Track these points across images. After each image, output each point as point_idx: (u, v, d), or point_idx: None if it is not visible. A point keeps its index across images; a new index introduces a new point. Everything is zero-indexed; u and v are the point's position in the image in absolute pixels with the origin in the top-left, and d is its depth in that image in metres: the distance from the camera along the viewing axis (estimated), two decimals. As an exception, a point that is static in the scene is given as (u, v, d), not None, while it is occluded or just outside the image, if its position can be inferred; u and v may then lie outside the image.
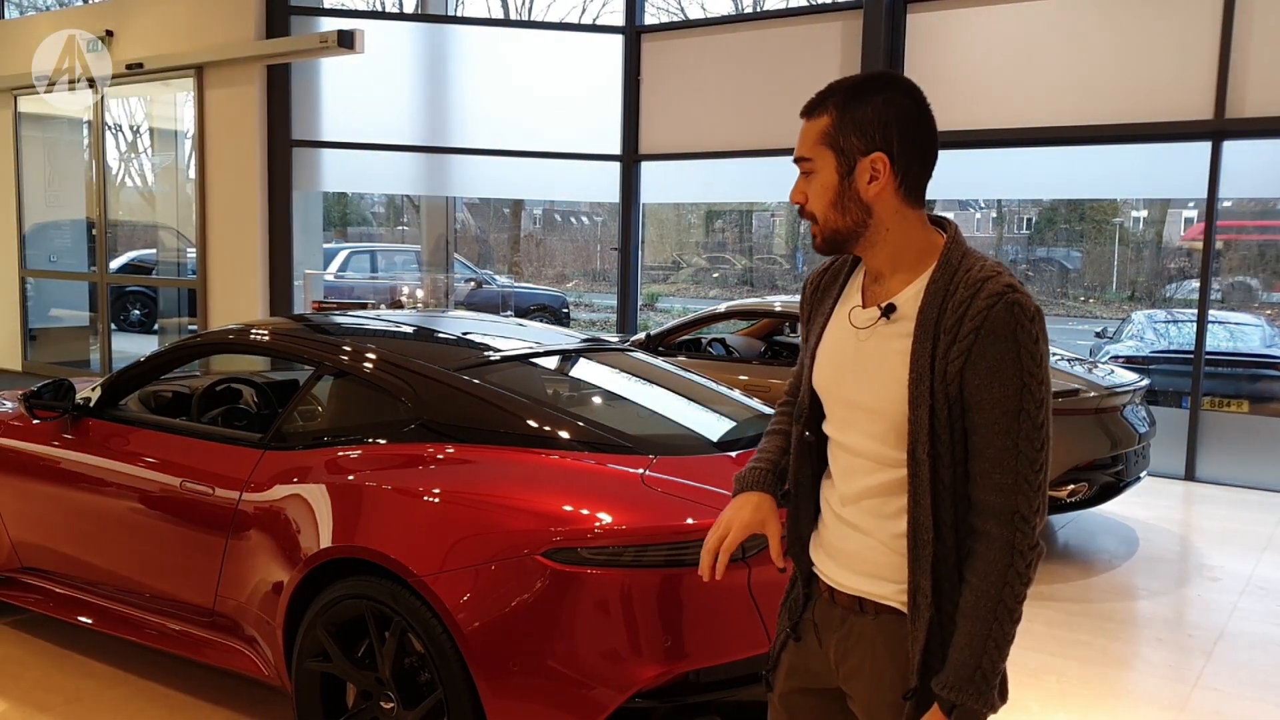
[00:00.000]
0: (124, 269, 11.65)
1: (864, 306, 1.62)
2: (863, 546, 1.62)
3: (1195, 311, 7.49)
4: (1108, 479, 5.32)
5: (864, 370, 1.59)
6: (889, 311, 1.57)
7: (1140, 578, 5.12)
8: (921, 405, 1.50)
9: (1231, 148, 7.13)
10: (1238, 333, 9.41)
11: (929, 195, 1.66)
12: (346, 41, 8.16)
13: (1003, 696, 1.56)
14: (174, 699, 3.49)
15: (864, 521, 1.62)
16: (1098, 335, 10.74)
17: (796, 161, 1.61)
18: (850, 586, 1.65)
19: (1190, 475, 7.33)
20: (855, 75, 1.62)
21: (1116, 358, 8.65)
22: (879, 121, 1.55)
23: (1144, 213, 21.14)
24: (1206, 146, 7.15)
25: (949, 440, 1.50)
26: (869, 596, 1.63)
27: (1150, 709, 3.65)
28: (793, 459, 1.75)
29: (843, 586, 1.66)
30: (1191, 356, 7.46)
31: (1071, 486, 5.17)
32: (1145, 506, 6.41)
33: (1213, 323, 7.97)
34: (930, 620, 1.53)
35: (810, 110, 1.61)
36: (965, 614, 1.51)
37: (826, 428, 1.69)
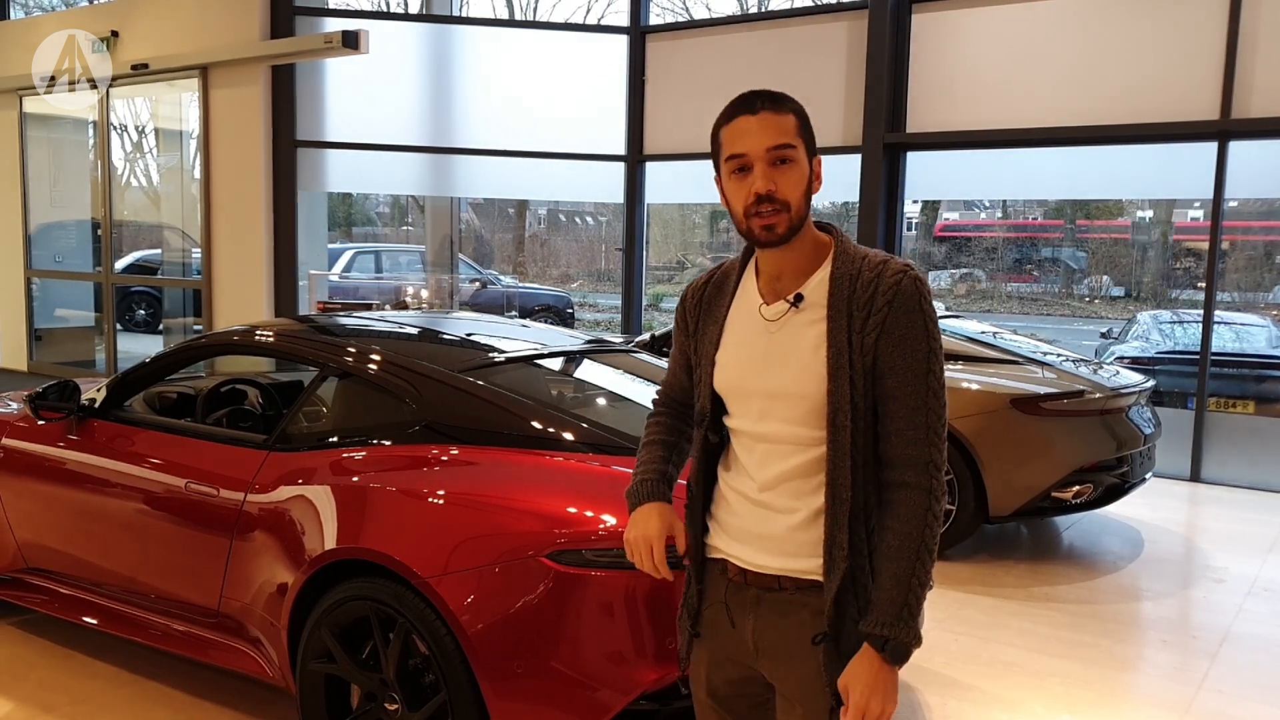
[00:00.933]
0: (129, 269, 11.68)
1: (768, 304, 1.73)
2: (785, 527, 1.71)
3: (1201, 312, 7.47)
4: (1113, 480, 5.31)
5: (778, 359, 1.69)
6: (798, 301, 1.69)
7: (1145, 579, 5.11)
8: (841, 377, 1.63)
9: (1237, 148, 7.12)
10: (1243, 334, 9.39)
11: (934, 195, 1.70)
12: (351, 42, 8.17)
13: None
14: (179, 700, 3.49)
15: (785, 502, 1.71)
16: (1103, 335, 10.71)
17: (773, 150, 1.65)
18: (771, 567, 1.72)
19: (1195, 477, 7.32)
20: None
21: (1122, 358, 8.64)
22: (811, 131, 1.71)
23: (1149, 212, 21.10)
24: (1212, 147, 7.14)
25: (864, 408, 1.64)
26: (790, 574, 1.71)
27: (1154, 711, 3.64)
28: (696, 461, 1.84)
29: (762, 568, 1.73)
30: (1197, 357, 7.44)
31: (1076, 488, 5.16)
32: (1150, 508, 6.40)
33: (1218, 323, 7.94)
34: (845, 572, 1.64)
35: (777, 105, 1.67)
36: (889, 557, 1.63)
37: (735, 423, 1.77)
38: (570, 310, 16.44)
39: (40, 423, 3.77)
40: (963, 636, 4.26)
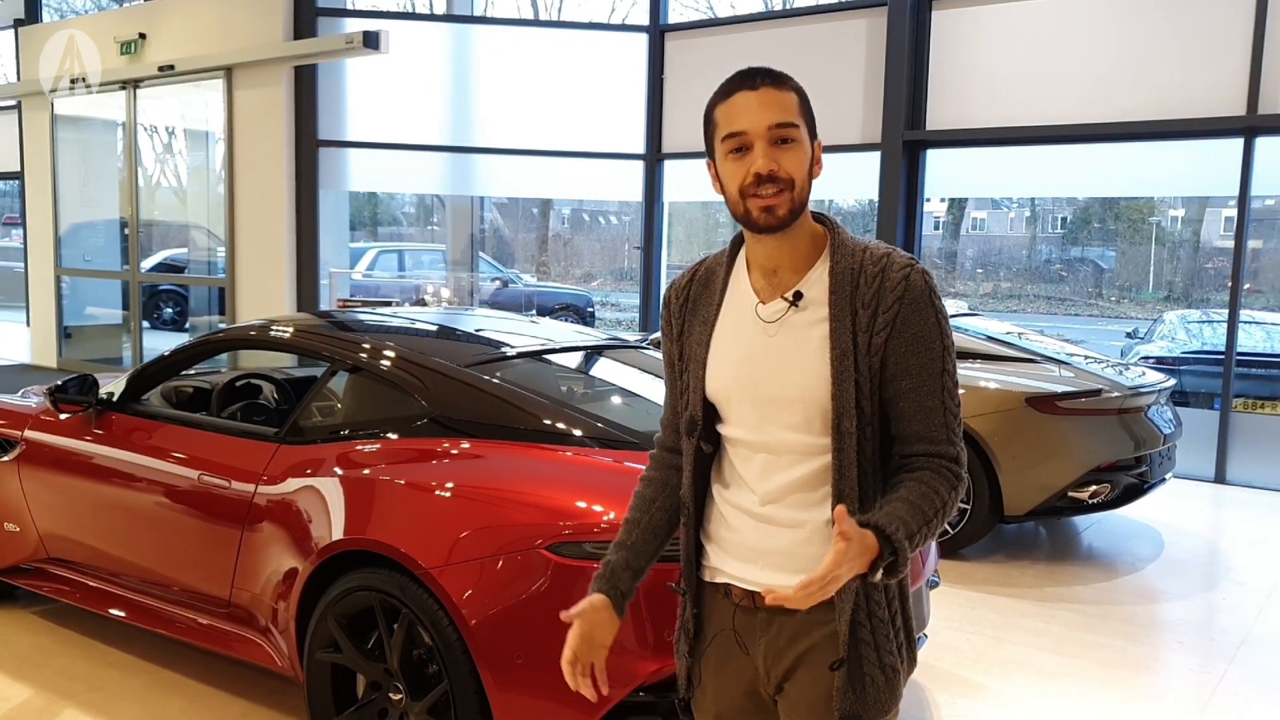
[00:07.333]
0: (156, 268, 11.84)
1: (764, 302, 1.60)
2: (791, 541, 1.58)
3: (1227, 312, 7.37)
4: (1131, 480, 5.25)
5: (779, 362, 1.57)
6: (798, 299, 1.57)
7: (1164, 581, 5.05)
8: (846, 380, 1.52)
9: (1265, 144, 7.02)
10: (1272, 333, 9.25)
11: (955, 193, 1.65)
12: (372, 42, 8.25)
13: (912, 662, 1.63)
14: (193, 689, 3.54)
15: (790, 515, 1.58)
16: (1128, 335, 10.60)
17: (776, 128, 1.51)
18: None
19: (1220, 478, 7.22)
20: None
21: (1146, 358, 8.54)
22: (812, 112, 1.58)
23: (1180, 211, 20.82)
24: (1239, 143, 7.04)
25: (870, 413, 1.53)
26: None
27: (1169, 712, 3.60)
28: (688, 476, 1.68)
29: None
30: (1223, 357, 7.35)
31: (1093, 488, 5.11)
32: (1173, 509, 6.32)
33: (1245, 323, 7.83)
34: (856, 591, 1.53)
35: (778, 82, 1.53)
36: (898, 497, 1.49)
37: (731, 431, 1.63)
38: (591, 309, 16.46)
39: (60, 416, 3.83)
40: (974, 636, 4.24)
